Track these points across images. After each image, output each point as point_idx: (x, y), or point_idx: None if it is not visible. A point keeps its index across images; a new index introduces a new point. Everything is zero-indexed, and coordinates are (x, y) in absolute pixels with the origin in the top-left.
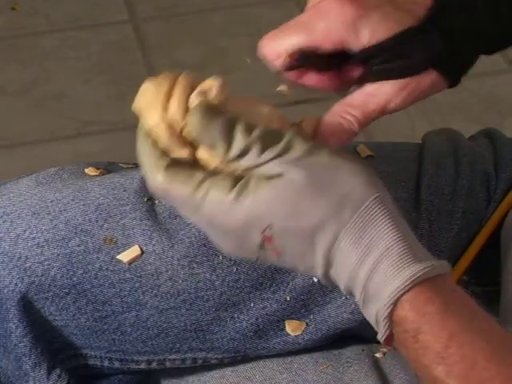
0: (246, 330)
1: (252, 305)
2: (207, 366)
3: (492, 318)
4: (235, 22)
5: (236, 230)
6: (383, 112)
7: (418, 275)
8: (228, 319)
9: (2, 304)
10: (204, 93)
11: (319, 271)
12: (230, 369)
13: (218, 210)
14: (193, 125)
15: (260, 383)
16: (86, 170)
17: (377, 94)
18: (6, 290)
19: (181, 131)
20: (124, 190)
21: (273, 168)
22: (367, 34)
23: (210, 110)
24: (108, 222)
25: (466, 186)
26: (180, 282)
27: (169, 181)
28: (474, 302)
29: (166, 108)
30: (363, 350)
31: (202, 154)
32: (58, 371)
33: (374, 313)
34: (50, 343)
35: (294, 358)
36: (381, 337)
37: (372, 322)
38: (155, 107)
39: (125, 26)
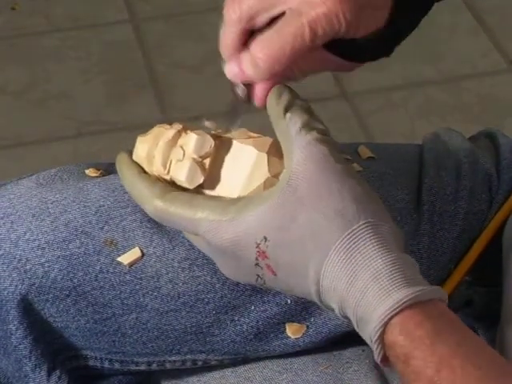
0: (246, 333)
1: (252, 308)
2: (207, 367)
3: (481, 340)
4: None
5: (232, 245)
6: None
7: (407, 298)
8: (228, 322)
9: (3, 306)
10: (182, 147)
11: (312, 289)
12: (229, 369)
13: (215, 228)
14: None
15: None
16: (87, 171)
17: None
18: (6, 292)
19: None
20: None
21: None
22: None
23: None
24: (108, 223)
25: (468, 186)
26: (180, 284)
27: (168, 205)
28: (464, 326)
29: (152, 163)
30: (363, 351)
31: None
32: (58, 372)
33: (368, 336)
34: (50, 345)
35: (294, 358)
36: (376, 358)
37: (368, 343)
38: (144, 162)
39: (125, 26)
